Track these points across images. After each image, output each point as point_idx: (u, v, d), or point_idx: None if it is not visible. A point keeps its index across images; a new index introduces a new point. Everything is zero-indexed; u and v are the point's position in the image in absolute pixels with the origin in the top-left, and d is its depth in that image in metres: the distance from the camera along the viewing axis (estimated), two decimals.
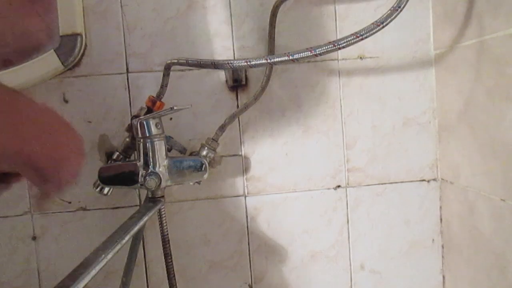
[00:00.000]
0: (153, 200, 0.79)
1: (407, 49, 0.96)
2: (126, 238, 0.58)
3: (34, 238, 0.90)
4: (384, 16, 0.63)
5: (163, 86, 0.83)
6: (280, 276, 0.97)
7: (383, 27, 0.62)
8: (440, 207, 0.99)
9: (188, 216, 0.93)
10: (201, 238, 0.93)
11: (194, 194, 0.94)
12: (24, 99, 0.48)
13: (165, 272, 0.84)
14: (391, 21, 0.62)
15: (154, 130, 0.74)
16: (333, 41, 0.60)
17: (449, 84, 0.91)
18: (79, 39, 0.85)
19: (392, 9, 0.63)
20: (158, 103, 0.82)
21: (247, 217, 0.96)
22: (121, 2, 0.89)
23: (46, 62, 0.83)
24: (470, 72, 0.83)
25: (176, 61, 0.80)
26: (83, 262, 0.52)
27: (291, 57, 0.61)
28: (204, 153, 0.85)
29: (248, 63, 0.65)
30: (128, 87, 0.90)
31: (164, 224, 0.82)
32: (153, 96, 0.83)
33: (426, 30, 0.96)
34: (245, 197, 0.95)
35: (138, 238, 0.84)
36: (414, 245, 0.99)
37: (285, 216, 0.96)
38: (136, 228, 0.62)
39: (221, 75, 0.92)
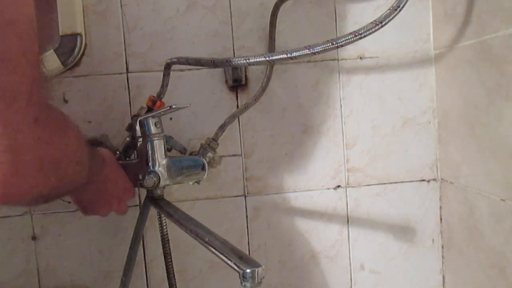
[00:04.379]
0: (152, 199, 0.79)
1: (407, 49, 0.96)
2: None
3: (34, 238, 0.90)
4: (383, 15, 0.63)
5: (163, 86, 0.83)
6: (280, 276, 0.97)
7: (382, 26, 0.62)
8: (440, 207, 0.99)
9: None
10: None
11: (194, 194, 0.94)
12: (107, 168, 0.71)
13: (165, 272, 0.84)
14: (390, 20, 0.62)
15: (153, 129, 0.74)
16: (332, 40, 0.60)
17: (449, 84, 0.91)
18: (79, 39, 0.86)
19: (391, 8, 0.63)
20: (158, 103, 0.82)
21: (247, 217, 0.95)
22: (121, 2, 0.89)
23: (46, 62, 0.83)
24: (470, 72, 0.83)
25: (176, 60, 0.80)
26: None
27: (289, 55, 0.61)
28: (204, 153, 0.85)
29: (247, 61, 0.65)
30: (128, 87, 0.90)
31: (164, 224, 0.82)
32: (153, 96, 0.83)
33: (426, 30, 0.96)
34: (245, 197, 0.95)
35: (137, 238, 0.84)
36: (414, 245, 0.99)
37: (285, 216, 0.96)
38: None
39: (221, 75, 0.92)
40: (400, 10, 0.63)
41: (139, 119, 0.75)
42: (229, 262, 0.52)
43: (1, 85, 0.40)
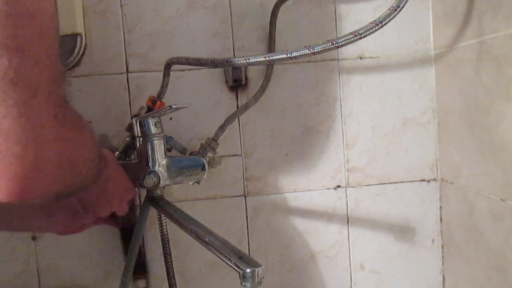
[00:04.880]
0: (152, 199, 0.79)
1: (407, 49, 0.96)
2: None
3: (34, 238, 0.90)
4: (383, 15, 0.62)
5: (163, 86, 0.83)
6: (280, 276, 0.97)
7: (381, 26, 0.62)
8: (440, 207, 0.99)
9: None
10: None
11: (194, 194, 0.94)
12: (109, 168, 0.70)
13: (165, 272, 0.84)
14: (390, 20, 0.62)
15: (153, 129, 0.74)
16: (331, 39, 0.60)
17: (449, 84, 0.91)
18: (79, 39, 0.86)
19: (391, 8, 0.63)
20: (158, 103, 0.82)
21: (247, 217, 0.95)
22: (121, 2, 0.89)
23: None
24: (470, 72, 0.83)
25: (176, 60, 0.80)
26: None
27: (289, 55, 0.61)
28: (204, 153, 0.85)
29: (247, 60, 0.65)
30: (128, 87, 0.90)
31: (164, 224, 0.82)
32: (153, 96, 0.83)
33: (426, 30, 0.96)
34: (245, 197, 0.95)
35: (137, 238, 0.84)
36: (414, 245, 0.99)
37: (285, 216, 0.96)
38: None
39: (221, 75, 0.92)
40: (400, 10, 0.63)
41: (139, 119, 0.75)
42: (229, 262, 0.52)
43: (24, 75, 0.40)
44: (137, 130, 0.76)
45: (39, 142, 0.42)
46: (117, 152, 0.84)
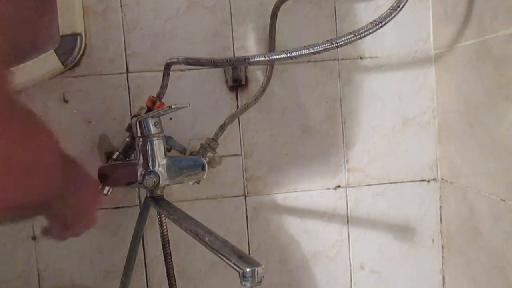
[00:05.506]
0: (152, 199, 0.79)
1: (407, 49, 0.96)
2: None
3: (34, 238, 0.90)
4: (383, 15, 0.63)
5: (163, 86, 0.83)
6: (280, 276, 0.97)
7: (381, 26, 0.62)
8: (440, 207, 0.99)
9: None
10: None
11: (194, 194, 0.94)
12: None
13: (165, 272, 0.84)
14: (389, 20, 0.62)
15: (153, 129, 0.74)
16: (331, 40, 0.60)
17: (449, 84, 0.91)
18: (79, 39, 0.86)
19: (391, 8, 0.63)
20: (158, 103, 0.82)
21: (247, 217, 0.95)
22: (121, 2, 0.89)
23: (46, 62, 0.83)
24: (470, 72, 0.83)
25: (176, 60, 0.80)
26: None
27: (289, 55, 0.61)
28: (204, 153, 0.85)
29: (247, 60, 0.65)
30: (128, 87, 0.90)
31: (164, 224, 0.82)
32: (153, 96, 0.83)
33: (426, 30, 0.96)
34: (245, 197, 0.95)
35: (137, 238, 0.84)
36: (414, 245, 0.99)
37: (285, 216, 0.96)
38: None
39: (221, 75, 0.92)
40: (400, 10, 0.63)
41: (138, 119, 0.75)
42: (229, 261, 0.52)
43: None
44: (136, 130, 0.76)
45: None
46: (117, 152, 0.84)
